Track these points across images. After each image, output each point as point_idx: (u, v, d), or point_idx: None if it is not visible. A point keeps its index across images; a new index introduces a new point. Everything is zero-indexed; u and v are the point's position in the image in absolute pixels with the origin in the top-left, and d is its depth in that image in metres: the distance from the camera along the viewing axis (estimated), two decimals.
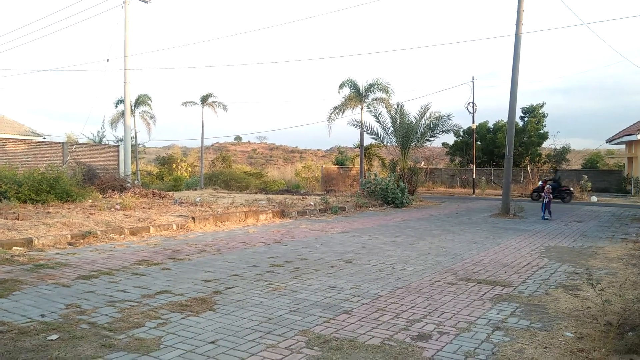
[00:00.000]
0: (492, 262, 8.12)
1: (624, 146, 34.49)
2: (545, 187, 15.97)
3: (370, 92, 28.68)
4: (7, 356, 3.75)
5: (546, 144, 38.68)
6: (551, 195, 15.69)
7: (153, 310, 5.04)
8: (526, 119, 38.73)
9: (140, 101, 38.64)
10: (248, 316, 4.92)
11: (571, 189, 24.11)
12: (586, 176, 31.23)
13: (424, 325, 4.71)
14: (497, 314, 5.14)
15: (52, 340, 4.13)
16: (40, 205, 13.00)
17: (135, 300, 5.41)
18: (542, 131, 37.88)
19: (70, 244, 9.01)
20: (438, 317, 5.00)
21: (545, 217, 15.31)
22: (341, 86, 29.41)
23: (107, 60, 23.72)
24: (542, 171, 32.74)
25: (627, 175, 33.05)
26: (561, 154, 38.31)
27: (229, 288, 6.06)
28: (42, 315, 4.80)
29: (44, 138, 26.19)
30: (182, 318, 4.82)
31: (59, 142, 21.78)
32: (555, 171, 28.42)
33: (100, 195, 15.93)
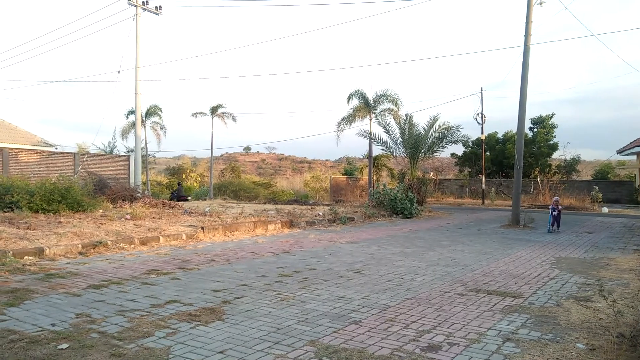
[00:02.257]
0: (502, 273, 8.05)
1: (635, 157, 34.16)
2: (554, 200, 15.72)
3: (379, 103, 28.78)
4: None
5: (556, 155, 38.46)
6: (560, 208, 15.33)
7: (162, 320, 5.06)
8: (535, 129, 38.54)
9: (151, 112, 39.04)
10: (257, 326, 4.92)
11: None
12: (597, 187, 30.94)
13: (433, 336, 4.67)
14: (508, 325, 5.09)
15: (62, 349, 4.16)
16: (51, 215, 13.13)
17: (145, 310, 5.44)
18: (551, 142, 37.66)
19: (81, 253, 9.09)
20: (448, 328, 4.97)
21: (552, 230, 14.90)
22: (350, 97, 29.56)
23: (119, 71, 23.92)
24: (552, 182, 32.49)
25: (638, 186, 32.69)
26: (571, 165, 38.03)
27: (238, 298, 6.07)
28: (53, 324, 4.83)
29: (56, 148, 26.51)
30: (191, 328, 4.83)
31: (71, 153, 22.07)
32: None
33: (111, 205, 16.06)
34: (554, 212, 14.87)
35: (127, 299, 5.93)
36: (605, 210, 25.41)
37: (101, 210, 14.65)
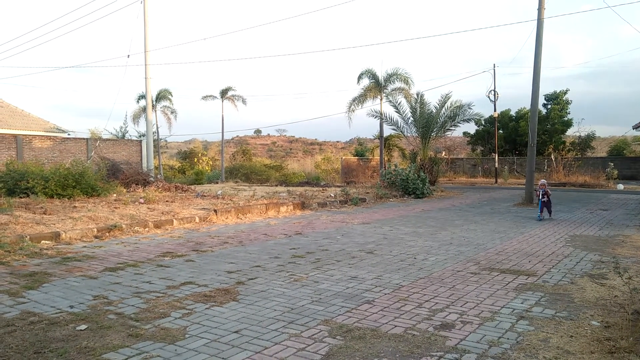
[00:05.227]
0: (516, 251, 8.01)
1: None
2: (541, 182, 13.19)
3: (390, 82, 28.46)
4: (38, 345, 3.87)
5: (570, 132, 37.91)
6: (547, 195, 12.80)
7: (178, 301, 5.13)
8: (549, 106, 37.94)
9: (161, 96, 39.07)
10: (271, 306, 4.96)
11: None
12: (612, 164, 30.50)
13: (446, 315, 4.68)
14: (522, 303, 5.08)
15: (81, 330, 4.24)
16: (66, 199, 13.31)
17: (161, 291, 5.51)
18: (566, 118, 37.08)
19: (96, 237, 9.22)
20: (461, 306, 4.97)
21: (541, 218, 12.61)
22: (360, 77, 29.27)
23: (128, 56, 23.94)
24: (566, 159, 32.08)
25: None
26: (586, 142, 37.47)
27: (252, 279, 6.12)
28: (71, 307, 4.93)
29: (69, 134, 26.75)
30: (206, 308, 4.89)
31: (83, 138, 22.24)
32: None
33: (124, 190, 16.21)
34: (542, 198, 12.66)
35: (142, 280, 6.01)
36: (621, 187, 25.07)
37: (115, 195, 14.80)
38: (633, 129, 34.33)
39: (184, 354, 3.73)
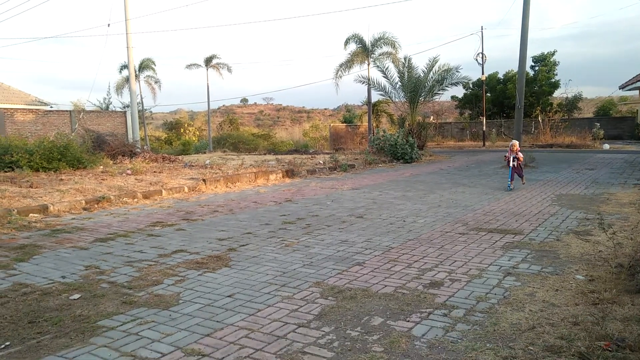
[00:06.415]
0: (503, 211, 8.13)
1: (637, 92, 33.69)
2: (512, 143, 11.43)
3: (377, 47, 28.09)
4: (32, 315, 3.89)
5: (557, 93, 37.90)
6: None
7: (170, 269, 5.16)
8: (537, 68, 37.79)
9: (144, 66, 38.29)
10: (263, 271, 5.02)
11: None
12: (598, 124, 30.75)
13: (435, 274, 4.77)
14: (508, 260, 5.19)
15: (74, 299, 4.26)
16: (52, 172, 13.14)
17: (153, 260, 5.54)
18: (553, 80, 37.01)
19: (85, 209, 9.16)
20: (449, 265, 5.06)
21: (511, 187, 10.80)
22: (347, 42, 28.82)
23: (108, 25, 23.15)
24: (553, 121, 32.24)
25: None
26: (573, 103, 37.58)
27: (243, 245, 6.16)
28: (63, 277, 4.94)
29: (51, 107, 26.19)
30: (199, 275, 4.93)
31: (67, 111, 21.82)
32: None
33: (111, 161, 16.03)
34: (513, 163, 10.81)
35: (134, 250, 6.02)
36: (607, 147, 25.36)
37: (102, 167, 14.65)
38: (620, 88, 34.48)
39: (178, 319, 3.77)
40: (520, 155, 11.02)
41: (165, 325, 3.64)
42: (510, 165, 10.82)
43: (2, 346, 3.34)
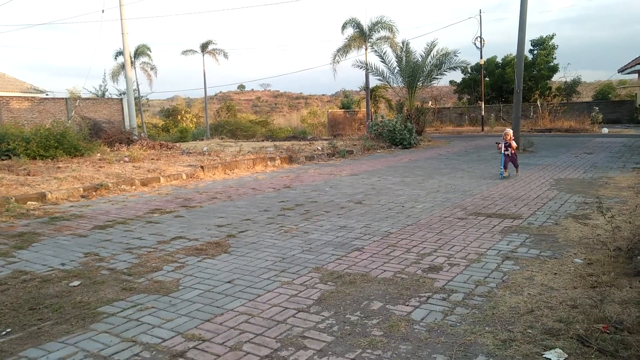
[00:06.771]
0: (502, 196, 8.14)
1: (636, 75, 33.57)
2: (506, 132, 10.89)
3: (374, 31, 27.80)
4: (32, 302, 3.89)
5: (556, 77, 37.72)
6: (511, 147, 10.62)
7: (169, 255, 5.17)
8: (535, 51, 37.56)
9: (140, 52, 37.87)
10: (262, 257, 5.03)
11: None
12: (597, 108, 30.65)
13: (434, 259, 4.79)
14: (507, 245, 5.20)
15: (74, 286, 4.27)
16: (49, 160, 13.10)
17: (152, 247, 5.54)
18: (552, 64, 36.81)
19: (83, 196, 9.15)
20: (448, 250, 5.08)
21: (505, 176, 10.37)
22: (344, 26, 28.51)
23: (103, 10, 23.15)
24: (552, 105, 32.14)
25: (638, 105, 32.37)
26: (572, 87, 37.44)
27: (242, 232, 6.16)
28: (63, 264, 4.94)
29: (47, 95, 26.03)
30: (198, 261, 4.94)
31: (63, 98, 21.69)
32: None
33: (108, 149, 15.98)
34: (506, 151, 10.44)
35: (133, 237, 6.02)
36: (605, 130, 25.31)
37: (99, 154, 14.59)
38: (618, 72, 34.34)
39: (178, 304, 3.78)
40: (514, 144, 10.72)
41: (166, 311, 3.65)
42: (504, 153, 10.48)
43: (4, 333, 3.36)
